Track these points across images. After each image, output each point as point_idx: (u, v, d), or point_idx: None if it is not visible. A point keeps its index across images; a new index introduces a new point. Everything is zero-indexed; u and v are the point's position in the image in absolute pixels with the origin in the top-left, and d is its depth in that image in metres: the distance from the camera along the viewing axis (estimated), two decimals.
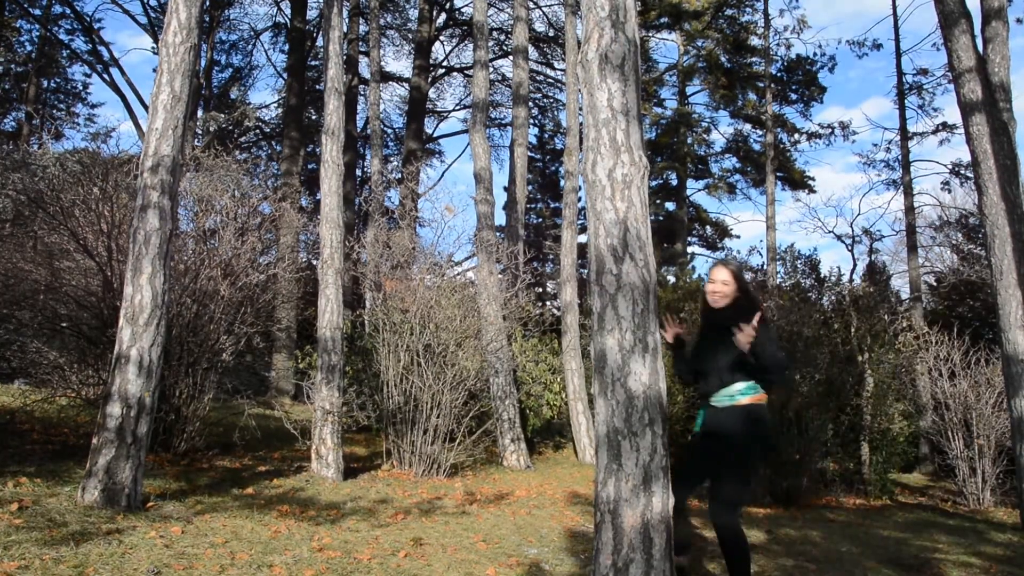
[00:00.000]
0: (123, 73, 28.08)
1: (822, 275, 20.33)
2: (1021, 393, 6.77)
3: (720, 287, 3.46)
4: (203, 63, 18.54)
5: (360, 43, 18.94)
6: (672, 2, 18.87)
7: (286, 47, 20.31)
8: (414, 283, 8.24)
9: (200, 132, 17.72)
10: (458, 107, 24.15)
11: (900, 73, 17.77)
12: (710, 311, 3.55)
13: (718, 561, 4.62)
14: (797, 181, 22.33)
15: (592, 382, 3.25)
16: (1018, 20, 15.96)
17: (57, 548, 3.50)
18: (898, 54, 17.77)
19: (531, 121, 22.31)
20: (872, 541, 5.90)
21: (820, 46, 29.18)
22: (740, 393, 3.33)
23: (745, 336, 3.22)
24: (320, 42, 18.07)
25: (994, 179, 6.98)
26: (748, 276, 19.51)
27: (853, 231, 20.69)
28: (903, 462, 10.89)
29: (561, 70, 22.11)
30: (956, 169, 18.58)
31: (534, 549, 4.57)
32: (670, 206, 23.98)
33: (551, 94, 24.01)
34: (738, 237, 36.82)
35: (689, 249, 23.91)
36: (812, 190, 22.68)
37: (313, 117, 20.74)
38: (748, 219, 38.63)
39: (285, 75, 19.58)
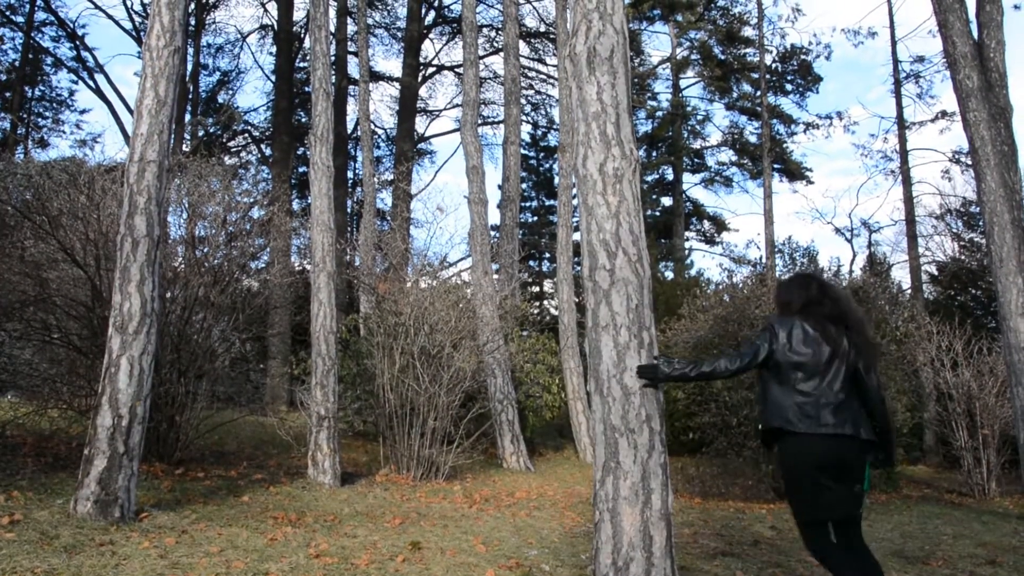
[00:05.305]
0: (108, 79, 27.90)
1: (820, 267, 20.20)
2: None
3: None
4: (189, 67, 18.37)
5: (349, 43, 18.77)
6: None
7: (274, 49, 20.13)
8: (408, 285, 8.17)
9: (188, 137, 17.59)
10: (450, 106, 23.97)
11: (896, 61, 17.70)
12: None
13: (720, 558, 4.56)
14: (794, 172, 22.26)
15: (588, 380, 3.17)
16: (1015, 6, 15.88)
17: (49, 561, 3.45)
18: (893, 42, 17.69)
19: (524, 118, 22.21)
20: (877, 534, 5.83)
21: (815, 35, 29.15)
22: None
23: None
24: (308, 43, 17.95)
25: (992, 165, 6.91)
26: (747, 270, 19.38)
27: (852, 222, 20.62)
28: (907, 454, 10.81)
29: (553, 66, 22.00)
30: (957, 157, 18.45)
31: (534, 551, 4.51)
32: (666, 201, 23.90)
33: (544, 90, 23.87)
34: (736, 231, 36.67)
35: (686, 244, 23.86)
36: (810, 181, 22.62)
37: (303, 120, 20.59)
38: (746, 211, 38.50)
39: (273, 78, 19.42)
